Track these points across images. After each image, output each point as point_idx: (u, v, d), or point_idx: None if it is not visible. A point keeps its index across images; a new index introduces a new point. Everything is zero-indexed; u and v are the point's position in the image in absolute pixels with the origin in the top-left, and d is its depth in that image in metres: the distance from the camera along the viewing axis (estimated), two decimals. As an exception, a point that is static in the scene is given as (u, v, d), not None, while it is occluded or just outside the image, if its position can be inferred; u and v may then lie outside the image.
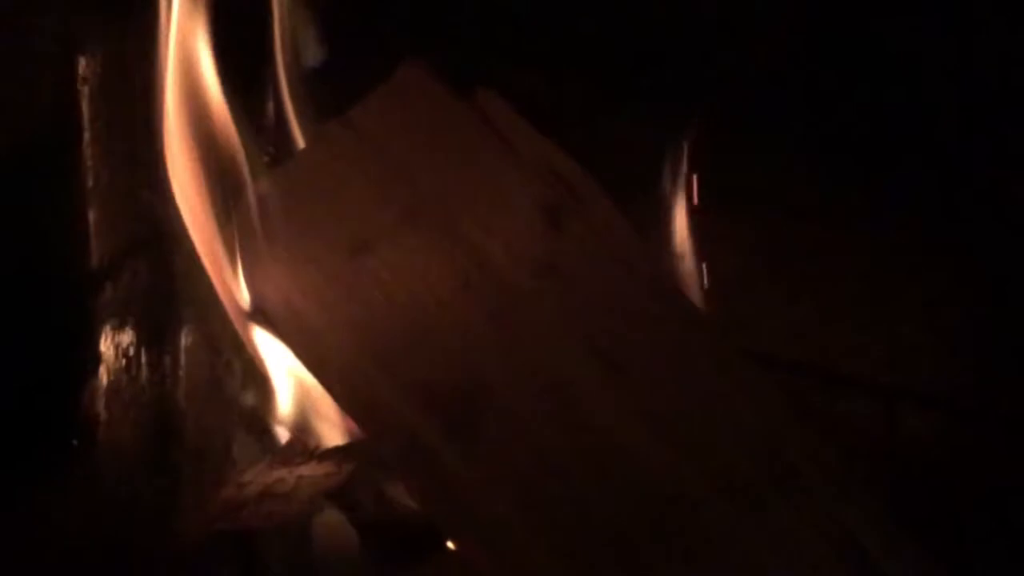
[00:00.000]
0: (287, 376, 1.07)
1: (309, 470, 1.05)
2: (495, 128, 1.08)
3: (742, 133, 1.26)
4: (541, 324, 1.04)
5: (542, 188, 1.07)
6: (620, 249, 1.07)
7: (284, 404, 1.08)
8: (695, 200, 1.25)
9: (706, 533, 1.01)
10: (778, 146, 1.26)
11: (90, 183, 1.00)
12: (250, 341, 1.05)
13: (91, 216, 1.00)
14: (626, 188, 1.20)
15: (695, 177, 1.26)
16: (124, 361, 1.04)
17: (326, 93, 1.11)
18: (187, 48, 1.02)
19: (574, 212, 1.07)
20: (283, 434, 1.09)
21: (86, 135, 1.01)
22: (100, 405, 1.01)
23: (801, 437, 1.04)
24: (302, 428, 1.08)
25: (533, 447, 1.02)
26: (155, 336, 1.07)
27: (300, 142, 1.11)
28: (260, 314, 1.05)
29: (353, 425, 1.06)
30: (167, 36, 1.02)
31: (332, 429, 1.08)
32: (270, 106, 1.12)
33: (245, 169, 1.03)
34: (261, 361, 1.06)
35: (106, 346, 1.03)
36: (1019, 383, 1.25)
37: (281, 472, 1.05)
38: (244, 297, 1.05)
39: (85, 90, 1.01)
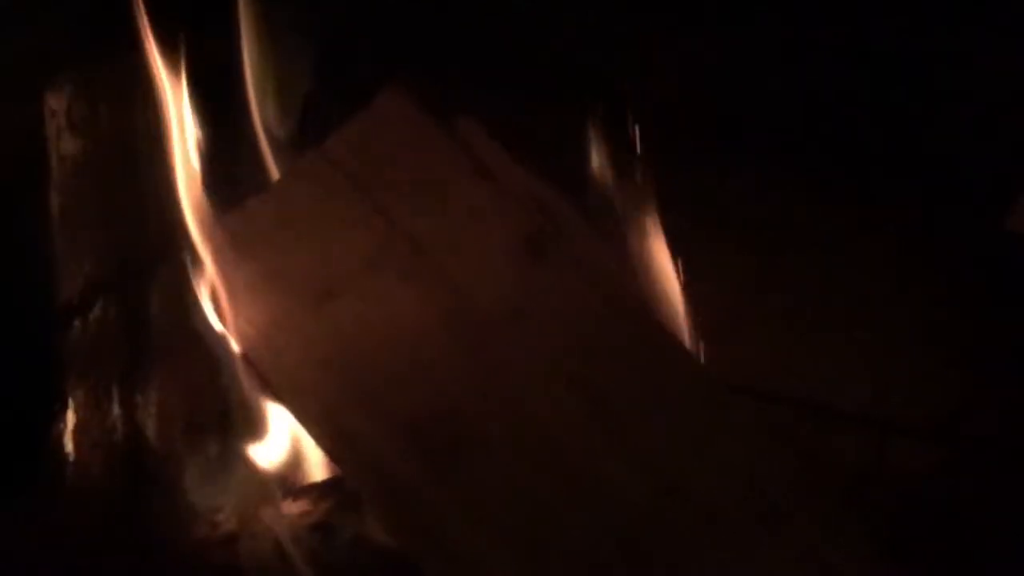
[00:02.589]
0: (263, 412, 1.06)
1: (284, 508, 1.04)
2: (476, 157, 1.07)
3: (729, 155, 1.26)
4: (521, 357, 1.03)
5: (523, 219, 1.06)
6: (602, 281, 1.06)
7: (259, 440, 1.07)
8: (679, 228, 1.24)
9: (688, 569, 0.99)
10: (765, 171, 1.25)
11: (59, 218, 0.99)
12: (228, 374, 1.04)
13: (60, 252, 0.99)
14: (607, 216, 1.19)
15: (679, 204, 1.25)
16: (94, 398, 1.03)
17: (301, 121, 1.11)
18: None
19: (555, 243, 1.06)
20: (258, 471, 1.08)
21: (55, 168, 1.00)
22: (70, 443, 1.01)
23: (786, 472, 1.03)
24: (278, 465, 1.07)
25: (511, 480, 1.01)
26: (126, 373, 1.06)
27: (274, 174, 1.10)
28: (239, 348, 1.04)
29: (329, 461, 1.05)
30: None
31: (308, 465, 1.07)
32: (242, 137, 1.11)
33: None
34: (237, 397, 1.05)
35: (75, 383, 1.02)
36: (1011, 415, 1.24)
37: (256, 510, 1.04)
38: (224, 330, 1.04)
39: (55, 122, 1.00)
